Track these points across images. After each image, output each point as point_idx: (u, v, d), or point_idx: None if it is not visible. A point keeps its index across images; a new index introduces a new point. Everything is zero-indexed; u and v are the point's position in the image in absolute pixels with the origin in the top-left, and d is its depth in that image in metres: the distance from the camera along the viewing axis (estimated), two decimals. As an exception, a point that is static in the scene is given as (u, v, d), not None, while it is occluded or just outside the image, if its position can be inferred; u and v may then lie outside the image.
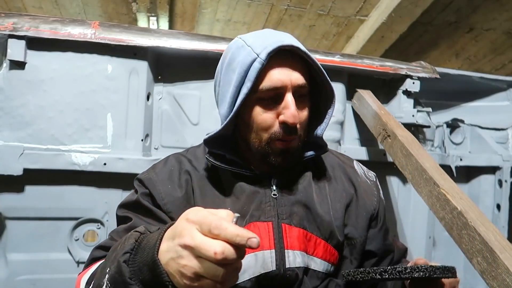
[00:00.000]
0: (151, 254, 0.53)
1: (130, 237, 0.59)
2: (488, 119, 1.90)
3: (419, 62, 1.62)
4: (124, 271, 0.54)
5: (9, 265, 1.26)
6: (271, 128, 0.76)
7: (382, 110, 1.41)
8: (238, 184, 0.82)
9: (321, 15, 3.73)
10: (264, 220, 0.79)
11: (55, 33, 1.21)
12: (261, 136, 0.77)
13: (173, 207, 0.80)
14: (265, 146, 0.77)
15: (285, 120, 0.73)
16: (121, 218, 0.84)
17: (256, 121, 0.76)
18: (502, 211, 1.80)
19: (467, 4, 3.51)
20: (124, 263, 0.55)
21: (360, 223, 0.87)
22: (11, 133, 1.22)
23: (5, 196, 1.23)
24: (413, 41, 4.02)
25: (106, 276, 0.58)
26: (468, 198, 0.96)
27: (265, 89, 0.73)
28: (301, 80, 0.75)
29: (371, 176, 0.96)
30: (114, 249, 0.62)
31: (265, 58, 0.70)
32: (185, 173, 0.85)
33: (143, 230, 0.61)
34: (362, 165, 0.98)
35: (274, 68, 0.73)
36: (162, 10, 3.42)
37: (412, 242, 1.62)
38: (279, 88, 0.73)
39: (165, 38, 1.30)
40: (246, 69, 0.72)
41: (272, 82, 0.73)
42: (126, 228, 0.79)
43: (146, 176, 0.85)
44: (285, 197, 0.82)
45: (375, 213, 0.90)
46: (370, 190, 0.91)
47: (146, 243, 0.56)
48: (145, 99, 1.32)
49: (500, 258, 0.77)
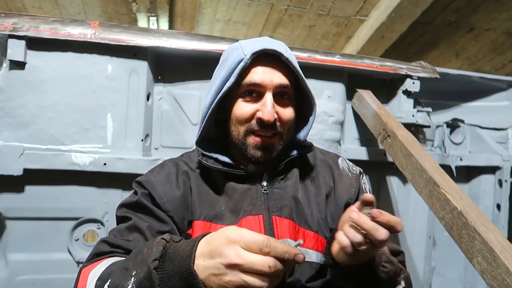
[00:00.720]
0: (186, 265, 0.58)
1: (158, 243, 0.62)
2: (488, 119, 1.90)
3: (419, 62, 1.62)
4: (154, 278, 0.58)
5: (9, 265, 1.26)
6: (248, 122, 0.82)
7: (382, 110, 1.41)
8: (230, 184, 0.86)
9: (321, 15, 3.73)
10: (255, 213, 0.83)
11: (55, 33, 1.21)
12: (239, 129, 0.83)
13: (172, 206, 0.83)
14: (242, 139, 0.83)
15: (261, 117, 0.79)
16: (120, 218, 0.86)
17: (235, 114, 0.83)
18: (502, 211, 1.80)
19: (467, 4, 3.51)
20: (154, 269, 0.59)
21: (337, 212, 0.89)
22: (11, 133, 1.22)
23: (5, 196, 1.23)
24: (413, 41, 4.02)
25: (132, 279, 0.60)
26: (468, 198, 0.97)
27: (245, 84, 0.80)
28: (283, 80, 0.81)
29: (354, 170, 0.97)
30: (139, 253, 0.64)
31: (249, 57, 0.78)
32: (182, 174, 0.89)
33: (168, 238, 0.65)
34: (348, 161, 1.00)
35: (257, 67, 0.81)
36: (162, 10, 3.42)
37: (412, 242, 1.62)
38: (259, 85, 0.80)
39: (165, 38, 1.30)
40: (234, 66, 0.80)
41: (253, 79, 0.80)
42: (127, 227, 0.81)
43: (144, 178, 0.88)
44: (275, 192, 0.86)
45: (351, 202, 0.91)
46: (349, 182, 0.93)
47: (175, 253, 0.60)
48: (145, 99, 1.32)
49: (500, 258, 0.77)
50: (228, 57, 0.84)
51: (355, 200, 0.92)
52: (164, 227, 0.81)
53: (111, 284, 0.64)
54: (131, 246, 0.78)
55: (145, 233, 0.79)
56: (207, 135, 0.88)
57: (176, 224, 0.83)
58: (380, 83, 1.64)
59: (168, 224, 0.81)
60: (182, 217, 0.83)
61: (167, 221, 0.82)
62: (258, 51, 0.78)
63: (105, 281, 0.66)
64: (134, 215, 0.83)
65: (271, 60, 0.81)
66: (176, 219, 0.83)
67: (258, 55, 0.79)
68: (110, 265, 0.71)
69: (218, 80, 0.82)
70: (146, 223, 0.80)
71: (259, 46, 0.79)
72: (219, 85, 0.82)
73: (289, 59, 0.81)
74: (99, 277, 0.68)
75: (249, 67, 0.80)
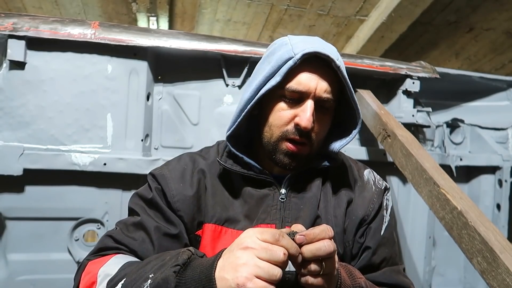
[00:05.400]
0: (206, 273, 0.59)
1: (183, 253, 0.65)
2: (488, 119, 1.90)
3: (419, 62, 1.62)
4: (171, 281, 0.60)
5: (9, 265, 1.26)
6: (284, 127, 0.78)
7: (382, 110, 1.41)
8: (248, 188, 0.83)
9: (321, 15, 3.73)
10: (268, 222, 0.81)
11: (55, 33, 1.21)
12: (273, 132, 0.79)
13: (182, 206, 0.81)
14: (274, 143, 0.79)
15: (299, 123, 0.75)
16: (131, 210, 0.85)
17: (273, 116, 0.79)
18: (502, 211, 1.80)
19: (467, 4, 3.51)
20: (173, 273, 0.60)
21: (350, 227, 0.85)
22: (11, 133, 1.22)
23: (5, 196, 1.23)
24: (413, 41, 4.02)
25: (149, 281, 0.62)
26: (468, 198, 0.96)
27: (290, 89, 0.76)
28: (326, 93, 0.77)
29: (380, 184, 0.92)
30: (160, 259, 0.66)
31: (300, 57, 0.73)
32: (198, 172, 0.86)
33: (193, 250, 0.67)
34: (376, 174, 0.95)
35: (305, 72, 0.76)
36: (162, 10, 3.42)
37: (412, 242, 1.62)
38: (303, 92, 0.76)
39: (165, 38, 1.30)
40: (280, 64, 0.75)
41: (299, 85, 0.76)
42: (135, 223, 0.81)
43: (159, 172, 0.86)
44: (293, 201, 0.83)
45: (368, 220, 0.86)
46: (369, 196, 0.88)
47: (199, 263, 0.62)
48: (145, 99, 1.32)
49: (500, 258, 0.77)
50: (275, 51, 0.79)
51: (372, 217, 0.86)
52: (172, 229, 0.80)
53: (125, 283, 0.64)
54: (136, 246, 0.78)
55: (151, 234, 0.78)
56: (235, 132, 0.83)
57: (186, 224, 0.82)
58: (380, 83, 1.64)
59: (177, 226, 0.80)
60: (192, 217, 0.82)
61: (176, 223, 0.80)
62: (311, 52, 0.73)
63: (119, 281, 0.66)
64: (144, 211, 0.82)
65: (321, 65, 0.76)
66: (186, 219, 0.81)
67: (310, 58, 0.75)
68: (123, 266, 0.70)
69: (262, 75, 0.77)
70: (154, 223, 0.80)
71: (311, 48, 0.74)
72: (262, 81, 0.77)
73: (340, 68, 0.76)
74: (112, 277, 0.68)
75: (296, 68, 0.75)
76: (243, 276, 0.55)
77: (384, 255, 0.86)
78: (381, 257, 0.85)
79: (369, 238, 0.86)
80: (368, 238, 0.86)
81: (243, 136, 0.88)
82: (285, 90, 0.76)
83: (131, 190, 1.31)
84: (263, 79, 0.77)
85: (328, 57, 0.74)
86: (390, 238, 0.89)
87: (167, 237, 0.79)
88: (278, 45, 0.81)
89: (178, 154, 0.98)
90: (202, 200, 0.83)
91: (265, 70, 0.77)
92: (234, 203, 0.83)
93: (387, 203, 0.91)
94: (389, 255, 0.87)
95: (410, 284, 0.87)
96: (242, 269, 0.56)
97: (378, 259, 0.85)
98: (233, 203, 0.83)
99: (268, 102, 0.80)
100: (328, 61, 0.75)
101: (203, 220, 0.83)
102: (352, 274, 0.74)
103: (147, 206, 0.83)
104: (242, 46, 1.35)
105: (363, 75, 1.55)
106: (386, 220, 0.88)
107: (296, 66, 0.74)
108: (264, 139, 0.81)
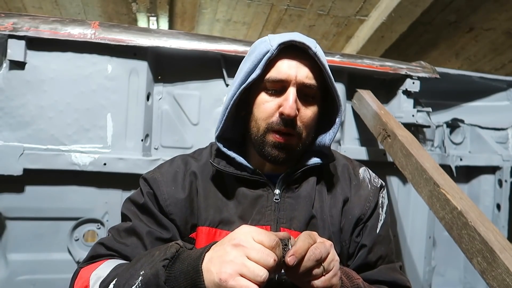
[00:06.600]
0: (194, 265, 0.60)
1: (171, 246, 0.65)
2: (488, 119, 1.90)
3: (419, 62, 1.62)
4: (161, 275, 0.60)
5: (9, 265, 1.26)
6: (269, 118, 0.78)
7: (382, 110, 1.41)
8: (241, 189, 0.83)
9: (321, 15, 3.73)
10: (263, 224, 0.80)
11: (55, 33, 1.21)
12: (259, 125, 0.79)
13: (175, 209, 0.81)
14: (261, 136, 0.79)
15: (282, 111, 0.75)
16: (123, 216, 0.85)
17: (258, 109, 0.79)
18: (502, 211, 1.80)
19: (467, 4, 3.51)
20: (162, 267, 0.60)
21: (346, 226, 0.85)
22: (11, 133, 1.22)
23: (5, 196, 1.23)
24: (413, 41, 4.02)
25: (140, 278, 0.62)
26: (468, 198, 0.97)
27: (271, 79, 0.77)
28: (308, 79, 0.77)
29: (376, 182, 0.91)
30: (149, 254, 0.66)
31: (276, 47, 0.75)
32: (190, 175, 0.86)
33: (182, 243, 0.67)
34: (371, 172, 0.94)
35: (283, 60, 0.77)
36: (162, 10, 3.43)
37: (412, 242, 1.62)
38: (284, 81, 0.76)
39: (165, 38, 1.30)
40: (260, 58, 0.77)
41: (278, 73, 0.77)
42: (127, 229, 0.81)
43: (151, 175, 0.86)
44: (287, 202, 0.82)
45: (364, 218, 0.85)
46: (365, 195, 0.87)
47: (187, 256, 0.62)
48: (145, 99, 1.32)
49: (500, 258, 0.77)
50: (255, 49, 0.81)
51: (368, 216, 0.86)
52: (164, 233, 0.79)
53: (117, 283, 0.64)
54: (128, 252, 0.78)
55: (143, 239, 0.78)
56: (224, 134, 0.83)
57: (179, 228, 0.81)
58: (380, 83, 1.64)
59: (169, 230, 0.80)
60: (185, 220, 0.82)
61: (169, 227, 0.80)
62: (286, 42, 0.75)
63: (111, 281, 0.66)
64: (136, 216, 0.82)
65: (299, 53, 0.77)
66: (179, 222, 0.81)
67: (287, 49, 0.76)
68: (115, 267, 0.71)
69: (243, 72, 0.79)
70: (146, 227, 0.79)
71: (287, 38, 0.76)
72: (243, 77, 0.78)
73: (317, 54, 0.76)
74: (104, 278, 0.68)
75: (275, 60, 0.77)
76: (227, 273, 0.55)
77: (380, 253, 0.86)
78: (377, 255, 0.85)
79: (365, 237, 0.85)
80: (364, 236, 0.85)
81: (236, 139, 0.88)
82: (266, 82, 0.78)
83: (131, 190, 1.31)
84: (244, 75, 0.78)
85: (303, 44, 0.76)
86: (386, 236, 0.89)
87: (160, 241, 0.79)
88: (258, 43, 0.82)
89: (178, 154, 0.98)
90: (194, 202, 0.83)
91: (246, 67, 0.79)
92: (228, 205, 0.82)
93: (382, 201, 0.90)
94: (385, 253, 0.87)
95: (407, 281, 0.86)
96: (228, 265, 0.56)
97: (374, 257, 0.85)
98: (227, 205, 0.82)
99: (252, 98, 0.81)
100: (305, 48, 0.76)
101: (196, 223, 0.82)
102: (349, 275, 0.74)
103: (139, 211, 0.83)
104: (242, 46, 1.35)
105: (363, 75, 1.55)
106: (382, 218, 0.88)
107: (274, 57, 0.76)
108: (252, 135, 0.81)
